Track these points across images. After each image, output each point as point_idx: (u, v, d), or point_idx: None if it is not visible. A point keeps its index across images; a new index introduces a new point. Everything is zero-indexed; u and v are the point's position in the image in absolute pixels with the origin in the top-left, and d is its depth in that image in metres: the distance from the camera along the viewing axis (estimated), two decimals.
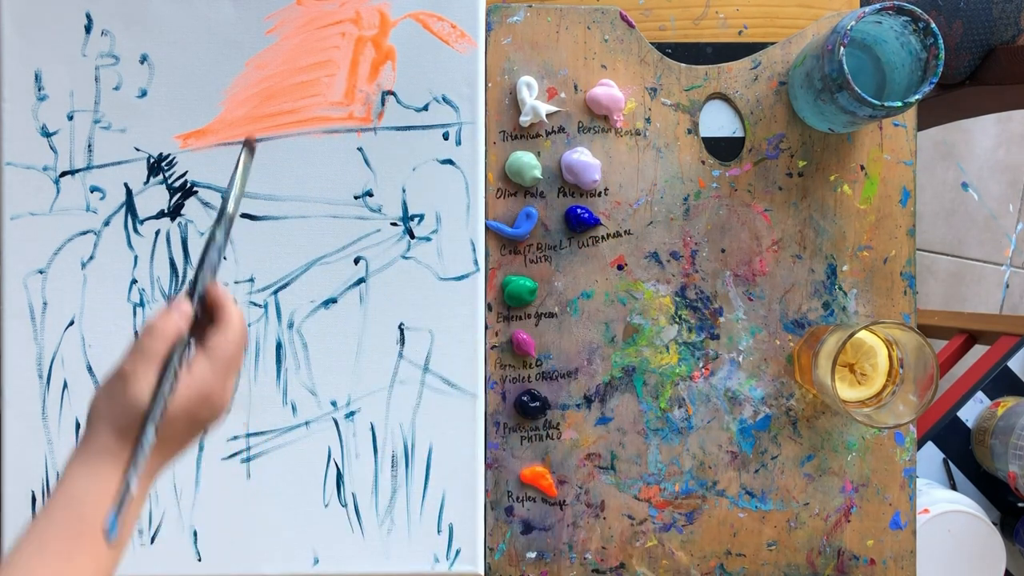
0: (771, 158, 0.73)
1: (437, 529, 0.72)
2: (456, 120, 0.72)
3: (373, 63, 0.72)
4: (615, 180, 0.73)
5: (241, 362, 0.53)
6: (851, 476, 0.73)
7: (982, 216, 1.61)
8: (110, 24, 0.71)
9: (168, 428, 0.49)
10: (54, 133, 0.71)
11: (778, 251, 0.73)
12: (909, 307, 0.74)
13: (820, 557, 0.73)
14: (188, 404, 0.50)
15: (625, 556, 0.73)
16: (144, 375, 0.49)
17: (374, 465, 0.72)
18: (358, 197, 0.72)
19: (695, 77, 0.73)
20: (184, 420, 0.50)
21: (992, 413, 0.94)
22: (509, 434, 0.73)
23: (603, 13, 0.73)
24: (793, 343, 0.73)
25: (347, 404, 0.72)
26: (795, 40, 0.73)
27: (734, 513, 0.73)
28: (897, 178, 0.74)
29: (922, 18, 0.64)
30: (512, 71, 0.73)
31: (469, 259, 0.72)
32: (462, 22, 0.72)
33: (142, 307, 0.71)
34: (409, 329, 0.72)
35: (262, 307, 0.72)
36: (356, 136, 0.72)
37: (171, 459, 0.53)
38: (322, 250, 0.72)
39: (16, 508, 0.71)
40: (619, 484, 0.73)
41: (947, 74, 1.00)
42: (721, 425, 0.73)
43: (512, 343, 0.72)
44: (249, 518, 0.71)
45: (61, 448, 0.71)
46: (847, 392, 0.70)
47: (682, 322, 0.73)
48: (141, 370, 0.49)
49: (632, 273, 0.73)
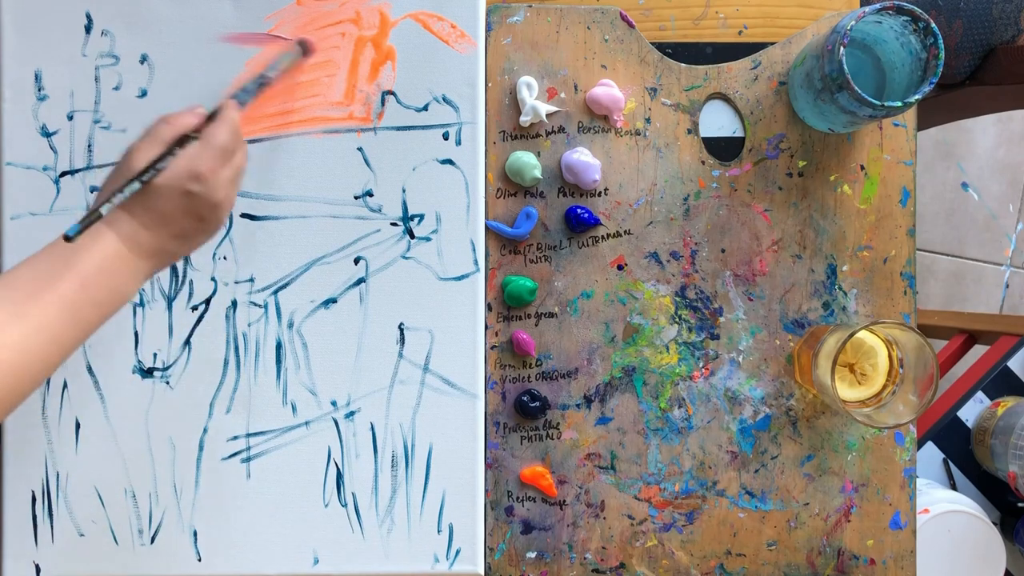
0: (771, 158, 0.73)
1: (437, 529, 0.72)
2: (456, 120, 0.72)
3: (373, 63, 0.72)
4: (615, 180, 0.73)
5: (239, 157, 0.59)
6: (851, 476, 0.73)
7: (982, 216, 1.61)
8: (110, 24, 0.71)
9: (159, 199, 0.55)
10: (54, 133, 0.71)
11: (778, 251, 0.73)
12: (909, 307, 0.74)
13: (820, 557, 0.74)
14: (178, 177, 0.55)
15: (625, 556, 0.73)
16: (147, 152, 0.55)
17: (374, 465, 0.72)
18: (358, 197, 0.72)
19: (695, 77, 0.73)
20: (176, 195, 0.55)
21: (992, 413, 0.94)
22: (509, 434, 0.73)
23: (603, 13, 0.73)
24: (793, 343, 0.73)
25: (347, 404, 0.72)
26: (795, 40, 0.73)
27: (734, 513, 0.73)
28: (897, 178, 0.74)
29: (922, 18, 0.64)
30: (512, 71, 0.73)
31: (469, 259, 0.72)
32: (462, 22, 0.72)
33: (142, 307, 0.71)
34: (409, 329, 0.72)
35: (262, 307, 0.72)
36: (356, 136, 0.72)
37: (170, 244, 0.56)
38: (322, 250, 0.72)
39: (16, 508, 0.71)
40: (619, 484, 0.73)
41: (947, 74, 1.00)
42: (721, 425, 0.73)
43: (512, 343, 0.73)
44: (249, 518, 0.71)
45: (61, 448, 0.71)
46: (847, 392, 0.70)
47: (682, 322, 0.73)
48: (145, 147, 0.55)
49: (632, 273, 0.73)
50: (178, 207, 0.55)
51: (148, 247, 0.55)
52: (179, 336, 0.71)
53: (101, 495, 0.71)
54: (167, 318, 0.71)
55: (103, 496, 0.71)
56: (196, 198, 0.55)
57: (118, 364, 0.71)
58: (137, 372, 0.71)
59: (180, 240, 0.57)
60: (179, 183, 0.55)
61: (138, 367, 0.71)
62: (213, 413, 0.71)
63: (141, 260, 0.55)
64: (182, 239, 0.57)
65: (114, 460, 0.71)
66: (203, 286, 0.71)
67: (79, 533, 0.71)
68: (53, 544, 0.71)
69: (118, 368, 0.71)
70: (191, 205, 0.56)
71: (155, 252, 0.56)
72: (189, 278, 0.71)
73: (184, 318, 0.71)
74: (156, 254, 0.56)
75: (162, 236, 0.56)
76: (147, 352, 0.71)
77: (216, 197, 0.56)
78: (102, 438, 0.71)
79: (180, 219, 0.56)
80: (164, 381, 0.71)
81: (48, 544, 0.71)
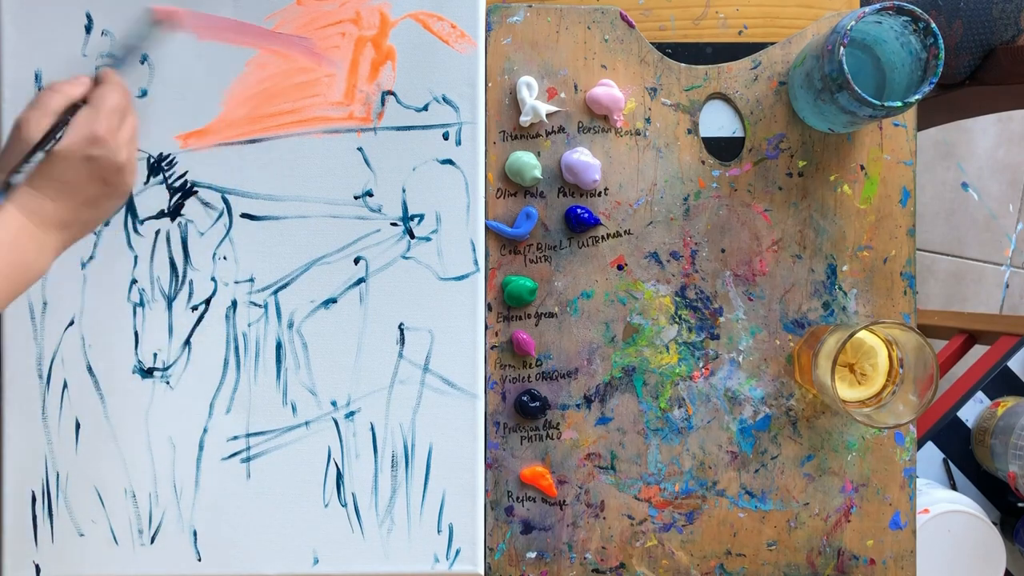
0: (771, 158, 0.73)
1: (437, 529, 0.72)
2: (456, 120, 0.72)
3: (373, 63, 0.72)
4: (615, 180, 0.73)
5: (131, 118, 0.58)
6: (851, 476, 0.73)
7: (982, 216, 1.61)
8: (110, 24, 0.71)
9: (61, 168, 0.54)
10: None
11: (778, 251, 0.73)
12: (909, 307, 0.74)
13: (820, 557, 0.74)
14: (77, 143, 0.54)
15: (625, 556, 0.73)
16: (38, 122, 0.54)
17: (374, 465, 0.72)
18: (358, 197, 0.72)
19: (695, 77, 0.73)
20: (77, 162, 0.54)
21: (992, 413, 0.94)
22: (509, 434, 0.73)
23: (603, 13, 0.73)
24: (793, 343, 0.73)
25: (347, 404, 0.72)
26: (795, 40, 0.73)
27: (734, 513, 0.73)
28: (897, 178, 0.74)
29: (922, 18, 0.64)
30: (512, 71, 0.73)
31: (469, 259, 0.72)
32: (462, 22, 0.72)
33: (142, 307, 0.71)
34: (409, 329, 0.72)
35: (262, 307, 0.72)
36: (356, 136, 0.72)
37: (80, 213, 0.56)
38: (322, 250, 0.72)
39: (16, 508, 0.71)
40: (619, 484, 0.73)
41: (947, 74, 1.00)
42: (721, 425, 0.73)
43: (512, 343, 0.73)
44: (249, 518, 0.71)
45: (61, 448, 0.71)
46: (847, 392, 0.70)
47: (682, 322, 0.73)
48: (35, 117, 0.54)
49: (632, 273, 0.73)
50: (81, 173, 0.55)
51: (55, 219, 0.55)
52: (179, 336, 0.71)
53: (101, 495, 0.71)
54: (167, 318, 0.71)
55: (103, 496, 0.71)
56: (98, 161, 0.55)
57: (118, 364, 0.71)
58: (137, 372, 0.71)
59: (89, 207, 0.57)
60: (79, 149, 0.55)
61: (138, 367, 0.71)
62: (213, 413, 0.71)
63: (49, 233, 0.55)
64: (91, 206, 0.57)
65: (114, 460, 0.71)
66: (203, 286, 0.71)
67: (79, 533, 0.71)
68: (53, 544, 0.71)
69: (118, 368, 0.71)
70: (94, 170, 0.56)
71: (64, 223, 0.56)
72: (189, 278, 0.71)
73: (184, 318, 0.71)
74: (66, 225, 0.56)
75: (69, 206, 0.55)
76: (147, 352, 0.71)
77: (119, 159, 0.56)
78: (102, 438, 0.71)
79: (85, 186, 0.56)
80: (164, 381, 0.71)
81: (48, 544, 0.71)
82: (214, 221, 0.71)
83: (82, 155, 0.55)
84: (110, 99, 0.57)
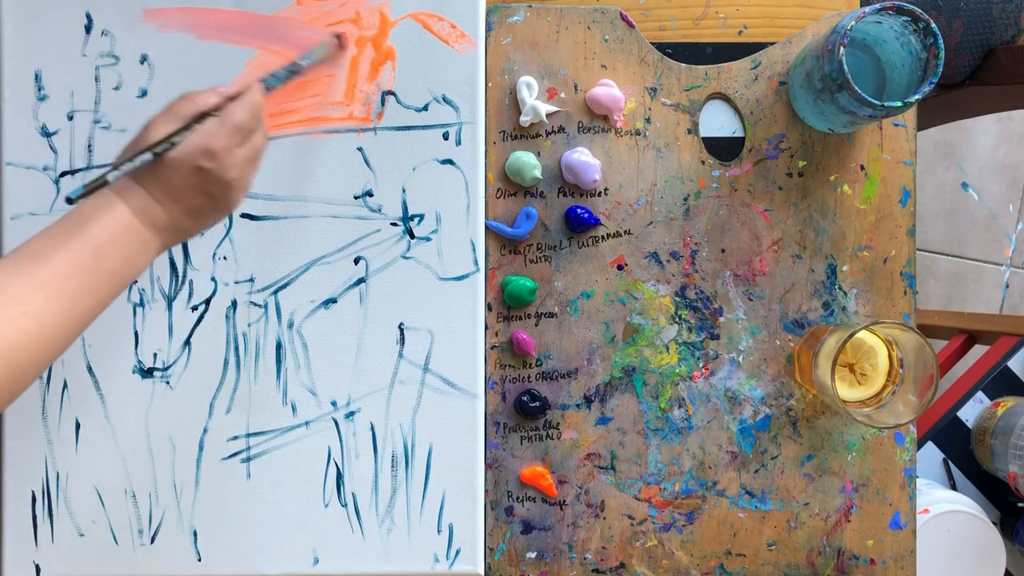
0: (771, 158, 0.73)
1: (437, 529, 0.72)
2: (456, 120, 0.72)
3: (373, 63, 0.72)
4: (615, 180, 0.73)
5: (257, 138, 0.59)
6: (851, 476, 0.73)
7: (982, 216, 1.61)
8: (110, 24, 0.71)
9: (171, 173, 0.55)
10: (54, 133, 0.71)
11: (778, 251, 0.73)
12: (909, 307, 0.74)
13: (820, 557, 0.74)
14: (191, 153, 0.55)
15: (625, 556, 0.73)
16: (164, 126, 0.55)
17: (374, 465, 0.72)
18: (358, 197, 0.72)
19: (695, 77, 0.73)
20: (187, 170, 0.55)
21: (992, 413, 0.94)
22: (509, 434, 0.73)
23: (603, 13, 0.73)
24: (793, 343, 0.73)
25: (347, 404, 0.72)
26: (795, 40, 0.73)
27: (734, 513, 0.73)
28: (897, 178, 0.74)
29: (922, 18, 0.64)
30: (512, 71, 0.73)
31: (469, 259, 0.72)
32: (462, 22, 0.72)
33: (142, 307, 0.71)
34: (409, 329, 0.72)
35: (262, 307, 0.72)
36: (356, 136, 0.72)
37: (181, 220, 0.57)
38: (322, 250, 0.72)
39: (16, 508, 0.71)
40: (619, 484, 0.73)
41: (947, 74, 1.00)
42: (721, 425, 0.73)
43: (512, 343, 0.73)
44: (249, 518, 0.71)
45: (61, 448, 0.71)
46: (847, 392, 0.70)
47: (682, 322, 0.73)
48: (163, 121, 0.55)
49: (632, 273, 0.73)
50: (189, 183, 0.55)
51: (160, 221, 0.56)
52: (179, 336, 0.71)
53: (101, 495, 0.71)
54: (167, 318, 0.71)
55: (103, 496, 0.71)
56: (207, 175, 0.56)
57: (118, 364, 0.71)
58: (137, 372, 0.71)
59: (191, 217, 0.57)
60: (191, 158, 0.55)
61: (138, 367, 0.71)
62: (213, 413, 0.71)
63: (152, 233, 0.56)
64: (193, 216, 0.57)
65: (114, 460, 0.71)
66: (203, 286, 0.71)
67: (79, 533, 0.71)
68: (53, 544, 0.71)
69: (118, 368, 0.71)
70: (202, 181, 0.56)
71: (166, 227, 0.56)
72: (189, 278, 0.71)
73: (184, 318, 0.71)
74: (168, 229, 0.56)
75: (173, 211, 0.56)
76: (147, 352, 0.71)
77: (228, 176, 0.56)
78: (102, 438, 0.71)
79: (191, 195, 0.56)
80: (164, 381, 0.71)
81: (48, 544, 0.71)
82: None
83: (193, 165, 0.55)
84: (238, 116, 0.57)
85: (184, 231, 0.57)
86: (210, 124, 0.55)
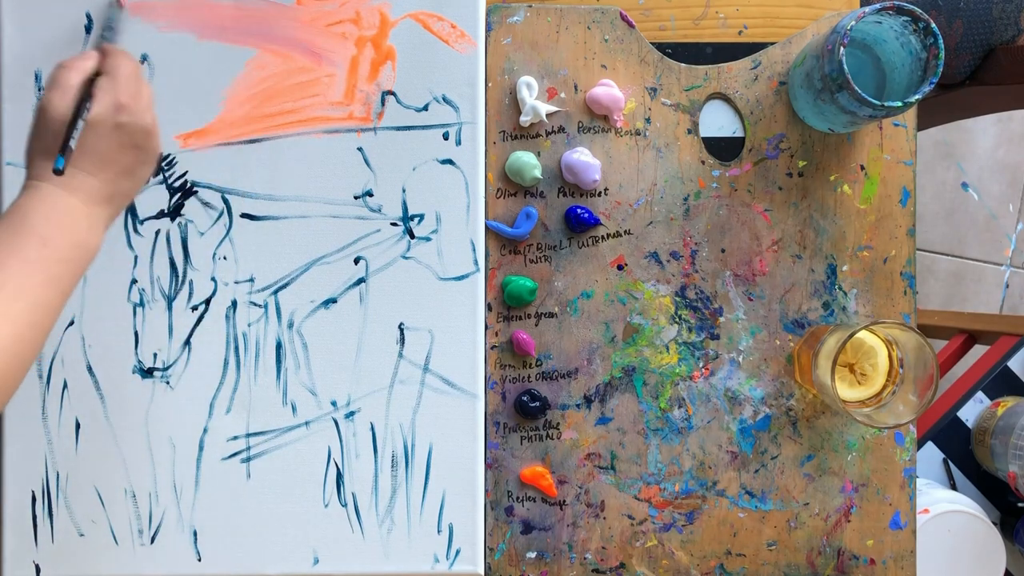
0: (771, 158, 0.73)
1: (437, 529, 0.72)
2: (456, 120, 0.72)
3: (373, 63, 0.72)
4: (615, 180, 0.73)
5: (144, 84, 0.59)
6: (851, 476, 0.73)
7: (982, 216, 1.61)
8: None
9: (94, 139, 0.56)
10: None
11: (778, 251, 0.73)
12: (909, 307, 0.74)
13: (820, 557, 0.74)
14: (105, 113, 0.56)
15: (625, 556, 0.73)
16: (61, 101, 0.55)
17: (374, 465, 0.72)
18: (358, 197, 0.72)
19: (695, 77, 0.73)
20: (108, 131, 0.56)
21: (992, 413, 0.94)
22: (509, 434, 0.73)
23: (603, 13, 0.73)
24: (793, 343, 0.73)
25: (347, 404, 0.72)
26: (795, 40, 0.73)
27: (734, 513, 0.73)
28: (897, 178, 0.74)
29: (922, 18, 0.64)
30: (512, 71, 0.73)
31: (469, 259, 0.72)
32: (462, 22, 0.72)
33: (142, 307, 0.71)
34: (409, 329, 0.72)
35: (262, 307, 0.72)
36: (356, 136, 0.72)
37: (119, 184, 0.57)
38: (322, 250, 0.72)
39: (16, 508, 0.71)
40: (619, 484, 0.73)
41: (947, 74, 1.00)
42: (721, 425, 0.73)
43: (512, 343, 0.73)
44: (249, 518, 0.71)
45: (61, 448, 0.71)
46: (847, 392, 0.70)
47: (682, 322, 0.73)
48: (57, 97, 0.55)
49: (632, 273, 0.73)
50: (113, 142, 0.56)
51: (98, 193, 0.56)
52: (179, 336, 0.71)
53: (101, 495, 0.71)
54: (167, 318, 0.71)
55: (103, 496, 0.71)
56: (127, 128, 0.57)
57: (118, 364, 0.71)
58: (137, 372, 0.71)
59: (126, 176, 0.58)
60: (107, 118, 0.56)
61: (138, 367, 0.71)
62: (213, 413, 0.71)
63: (95, 207, 0.56)
64: (128, 175, 0.58)
65: (114, 460, 0.71)
66: (203, 286, 0.71)
67: (79, 533, 0.71)
68: (53, 544, 0.71)
69: (118, 368, 0.71)
70: (124, 136, 0.57)
71: (107, 196, 0.57)
72: (189, 278, 0.71)
73: (184, 318, 0.71)
74: (108, 198, 0.57)
75: (108, 177, 0.57)
76: (147, 352, 0.71)
77: (145, 121, 0.58)
78: (102, 438, 0.71)
79: (119, 154, 0.57)
80: (164, 381, 0.71)
81: (48, 544, 0.71)
82: (214, 221, 0.71)
83: (111, 124, 0.56)
84: (124, 67, 0.58)
85: (124, 193, 0.58)
86: (106, 82, 0.57)
